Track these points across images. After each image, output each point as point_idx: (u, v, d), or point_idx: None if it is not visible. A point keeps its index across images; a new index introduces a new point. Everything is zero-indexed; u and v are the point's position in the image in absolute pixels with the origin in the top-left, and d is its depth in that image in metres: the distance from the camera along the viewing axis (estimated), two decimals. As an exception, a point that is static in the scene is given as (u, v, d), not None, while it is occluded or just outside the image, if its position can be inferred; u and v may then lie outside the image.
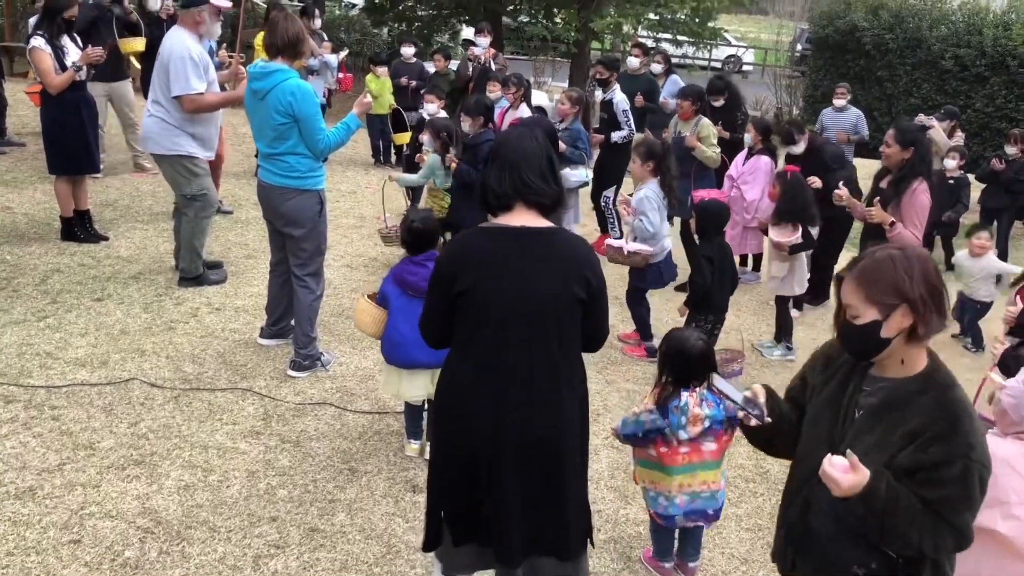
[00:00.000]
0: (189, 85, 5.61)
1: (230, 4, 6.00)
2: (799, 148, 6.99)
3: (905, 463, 2.16)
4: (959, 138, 9.34)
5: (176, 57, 5.59)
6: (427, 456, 4.25)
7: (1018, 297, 4.13)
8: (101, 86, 8.26)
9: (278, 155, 4.75)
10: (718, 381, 2.46)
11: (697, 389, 3.35)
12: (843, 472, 2.10)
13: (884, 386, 2.27)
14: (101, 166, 7.81)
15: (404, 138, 9.07)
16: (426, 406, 4.20)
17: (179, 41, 5.64)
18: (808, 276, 6.33)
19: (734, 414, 3.35)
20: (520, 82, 7.70)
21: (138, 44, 8.09)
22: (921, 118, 9.37)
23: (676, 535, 3.65)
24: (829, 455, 2.15)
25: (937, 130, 9.08)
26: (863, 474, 2.10)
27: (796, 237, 5.85)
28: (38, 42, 6.31)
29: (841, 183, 5.69)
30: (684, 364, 3.35)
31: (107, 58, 7.90)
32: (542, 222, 2.71)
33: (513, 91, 7.59)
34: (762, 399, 2.41)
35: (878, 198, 5.21)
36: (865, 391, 2.32)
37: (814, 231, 6.13)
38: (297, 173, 4.76)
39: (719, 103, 8.01)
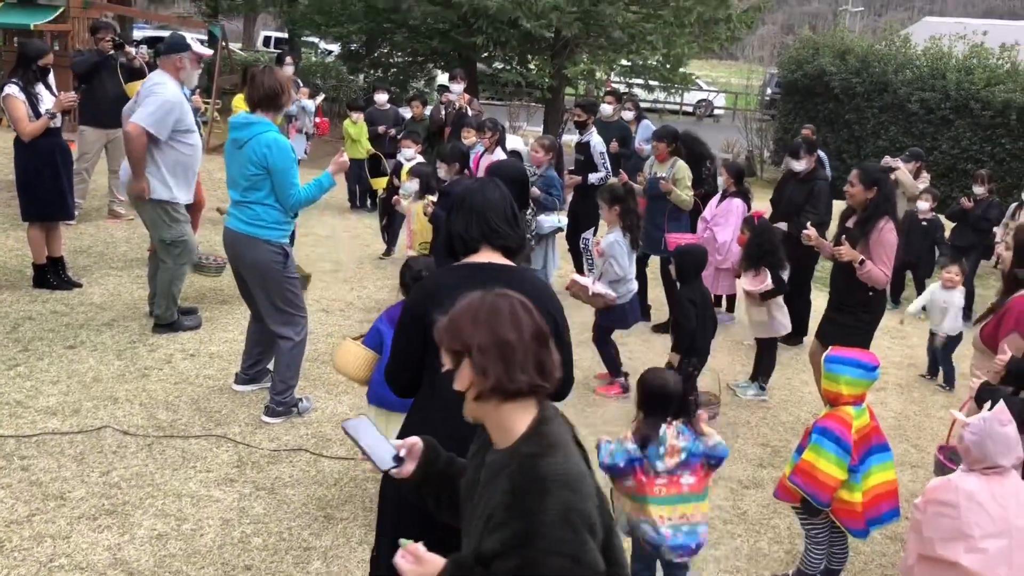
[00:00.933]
0: (149, 119, 5.59)
1: (211, 52, 6.07)
2: (800, 165, 7.06)
3: (483, 551, 1.84)
4: (924, 179, 9.52)
5: (156, 96, 5.62)
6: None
7: (1005, 343, 4.15)
8: (100, 132, 8.32)
9: (247, 203, 4.78)
10: (349, 424, 2.23)
11: (674, 422, 3.42)
12: (410, 564, 1.87)
13: (490, 460, 1.99)
14: (76, 212, 7.78)
15: (381, 183, 9.12)
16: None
17: (161, 83, 5.71)
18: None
19: (713, 453, 3.40)
20: (495, 126, 7.78)
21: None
22: (887, 160, 9.55)
23: (659, 565, 3.64)
24: (404, 544, 1.92)
25: (903, 171, 9.25)
26: (429, 565, 1.85)
27: (767, 283, 5.88)
28: (12, 89, 6.32)
29: (809, 223, 5.76)
30: (662, 399, 3.44)
31: (108, 106, 7.98)
32: (507, 262, 2.77)
33: (488, 135, 7.67)
34: (403, 452, 2.18)
35: (844, 236, 5.30)
36: (484, 468, 2.03)
37: (785, 274, 6.17)
38: (262, 222, 4.78)
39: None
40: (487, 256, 2.75)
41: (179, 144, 5.79)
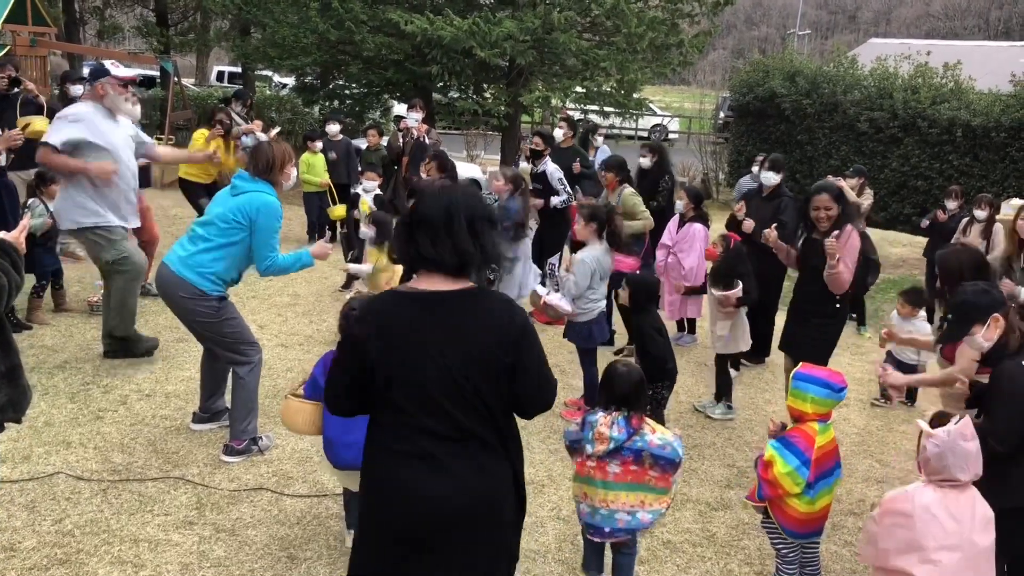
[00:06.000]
0: (50, 136, 5.78)
1: (131, 75, 6.13)
2: (776, 178, 7.20)
3: None
4: (868, 195, 9.63)
5: (57, 116, 5.94)
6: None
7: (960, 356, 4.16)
8: (20, 175, 8.06)
9: (206, 249, 4.67)
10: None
11: (614, 413, 3.60)
12: None
13: None
14: (24, 253, 7.58)
15: (339, 211, 9.01)
16: None
17: (73, 108, 5.97)
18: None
19: (659, 453, 3.53)
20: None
21: (41, 124, 7.86)
22: (830, 179, 9.68)
23: (606, 555, 3.83)
24: None
25: (845, 189, 9.35)
26: None
27: (738, 290, 5.93)
28: None
29: (774, 226, 5.82)
30: (611, 390, 3.67)
31: (24, 146, 7.73)
32: (461, 283, 2.58)
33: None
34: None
35: (809, 244, 5.37)
36: None
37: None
38: (203, 268, 4.66)
39: (647, 164, 8.27)
40: (437, 281, 2.57)
41: (91, 162, 5.82)
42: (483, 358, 2.51)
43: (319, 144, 10.46)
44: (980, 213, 8.72)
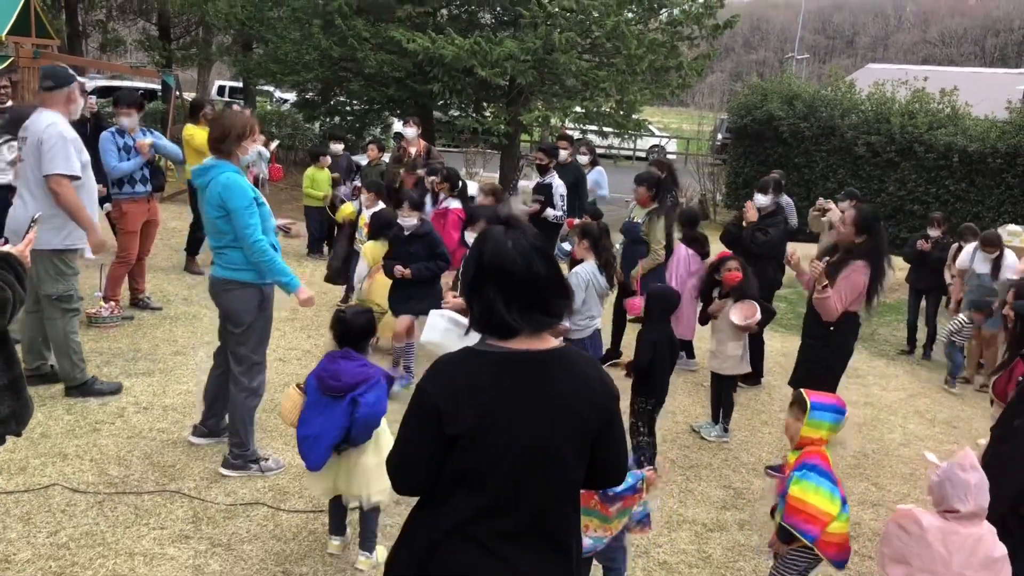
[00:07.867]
0: (70, 165, 5.30)
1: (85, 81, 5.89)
2: (764, 200, 7.32)
3: None
4: None
5: (54, 135, 5.25)
6: (358, 562, 4.10)
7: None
8: None
9: (221, 248, 4.72)
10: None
11: None
12: None
13: None
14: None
15: (348, 208, 8.97)
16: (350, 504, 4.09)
17: (54, 122, 5.30)
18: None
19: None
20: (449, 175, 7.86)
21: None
22: (821, 202, 9.74)
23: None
24: None
25: (835, 212, 9.34)
26: None
27: (758, 312, 5.95)
28: None
29: (797, 249, 5.91)
30: None
31: None
32: (545, 340, 2.23)
33: (437, 180, 7.84)
34: None
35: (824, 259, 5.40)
36: None
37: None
38: (235, 265, 4.71)
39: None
40: (520, 338, 2.19)
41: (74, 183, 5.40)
42: (577, 428, 2.18)
43: (328, 160, 10.56)
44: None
